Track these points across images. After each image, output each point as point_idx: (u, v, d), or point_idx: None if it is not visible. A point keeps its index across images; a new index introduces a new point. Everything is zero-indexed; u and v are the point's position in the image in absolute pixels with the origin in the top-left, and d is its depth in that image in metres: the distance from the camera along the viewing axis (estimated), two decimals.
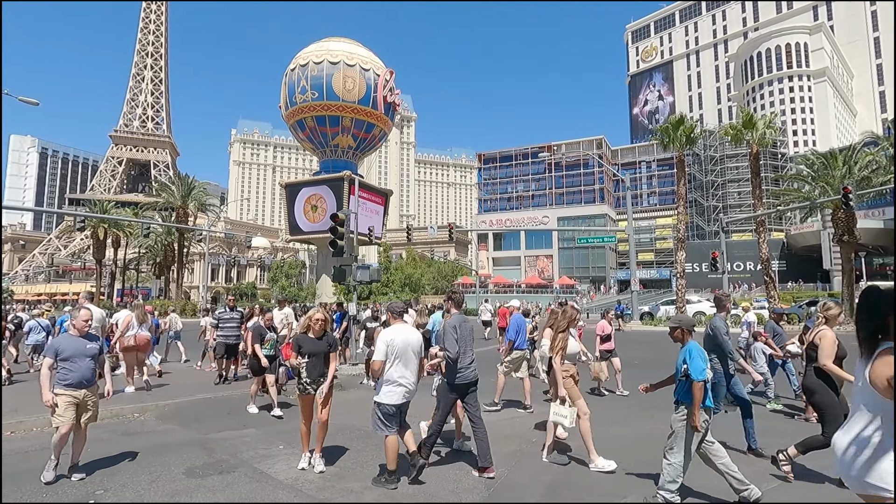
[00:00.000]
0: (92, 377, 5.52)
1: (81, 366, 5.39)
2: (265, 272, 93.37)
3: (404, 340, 5.28)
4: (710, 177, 73.30)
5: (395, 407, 5.15)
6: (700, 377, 4.42)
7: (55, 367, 5.34)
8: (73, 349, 5.42)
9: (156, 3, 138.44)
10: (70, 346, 5.44)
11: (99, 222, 47.34)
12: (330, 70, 58.57)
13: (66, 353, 5.37)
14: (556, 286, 64.65)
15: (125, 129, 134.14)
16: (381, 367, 5.17)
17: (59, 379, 5.32)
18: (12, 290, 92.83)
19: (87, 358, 5.46)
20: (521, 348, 9.10)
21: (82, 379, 5.39)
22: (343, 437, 6.90)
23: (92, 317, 5.76)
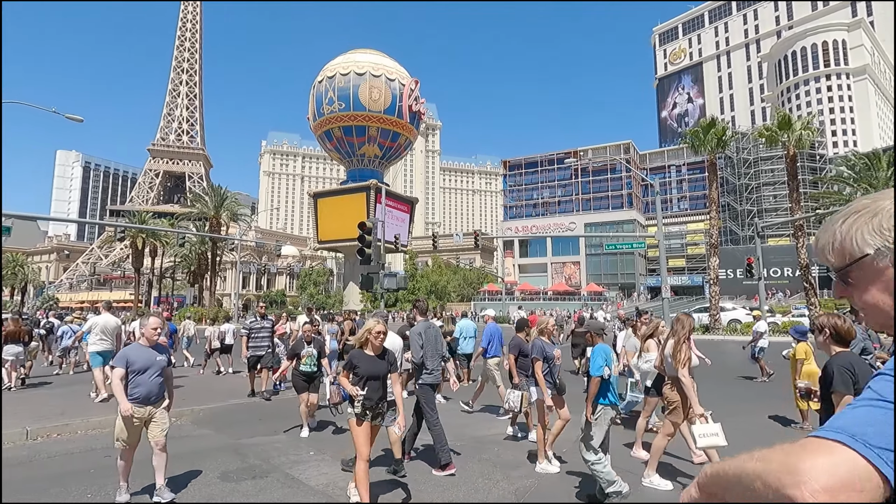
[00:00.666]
0: (160, 392, 5.07)
1: (150, 380, 4.94)
2: (294, 280, 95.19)
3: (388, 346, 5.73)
4: (743, 180, 71.13)
5: None
6: (596, 373, 4.88)
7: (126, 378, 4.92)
8: (144, 360, 4.95)
9: (190, 23, 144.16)
10: (141, 357, 4.96)
11: (137, 232, 49.22)
12: (356, 81, 59.79)
13: (136, 364, 4.90)
14: (584, 293, 63.68)
15: (162, 142, 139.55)
16: None
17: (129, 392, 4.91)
18: (57, 298, 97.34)
19: (156, 371, 5.00)
20: (496, 356, 9.59)
21: (150, 394, 4.93)
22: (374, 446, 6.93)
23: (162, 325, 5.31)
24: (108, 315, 10.61)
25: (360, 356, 4.78)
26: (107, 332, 10.19)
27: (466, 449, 6.66)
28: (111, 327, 10.32)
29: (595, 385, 4.92)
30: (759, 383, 12.39)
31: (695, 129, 30.34)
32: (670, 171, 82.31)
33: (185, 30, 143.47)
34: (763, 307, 27.55)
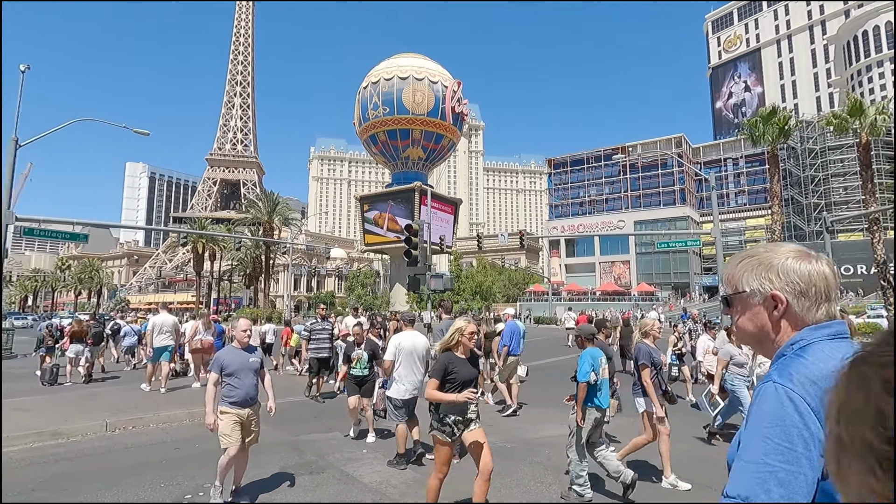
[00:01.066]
0: (256, 394, 5.10)
1: (246, 382, 4.97)
2: (342, 281, 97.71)
3: (411, 345, 6.19)
4: (809, 171, 66.52)
5: (402, 401, 6.08)
6: (583, 378, 5.04)
7: (220, 382, 4.97)
8: (239, 363, 4.98)
9: (243, 38, 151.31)
10: (235, 359, 4.99)
11: (197, 238, 52.14)
12: (400, 85, 60.72)
13: (231, 367, 4.93)
14: (635, 293, 61.62)
15: (218, 152, 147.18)
16: (391, 366, 6.15)
17: (223, 396, 4.94)
18: (128, 300, 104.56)
19: (251, 373, 5.04)
20: (515, 354, 9.55)
21: (247, 396, 4.96)
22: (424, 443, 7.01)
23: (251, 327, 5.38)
24: (165, 314, 11.67)
25: (455, 360, 4.29)
26: (166, 329, 11.18)
27: (517, 451, 6.61)
28: (169, 324, 11.33)
29: (582, 391, 5.07)
30: None
31: (753, 119, 28.70)
32: (726, 164, 78.21)
33: (238, 44, 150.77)
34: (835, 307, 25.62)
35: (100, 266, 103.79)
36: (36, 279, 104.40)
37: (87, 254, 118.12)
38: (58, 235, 22.91)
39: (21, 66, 21.14)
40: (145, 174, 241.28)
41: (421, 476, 5.69)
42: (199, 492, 5.25)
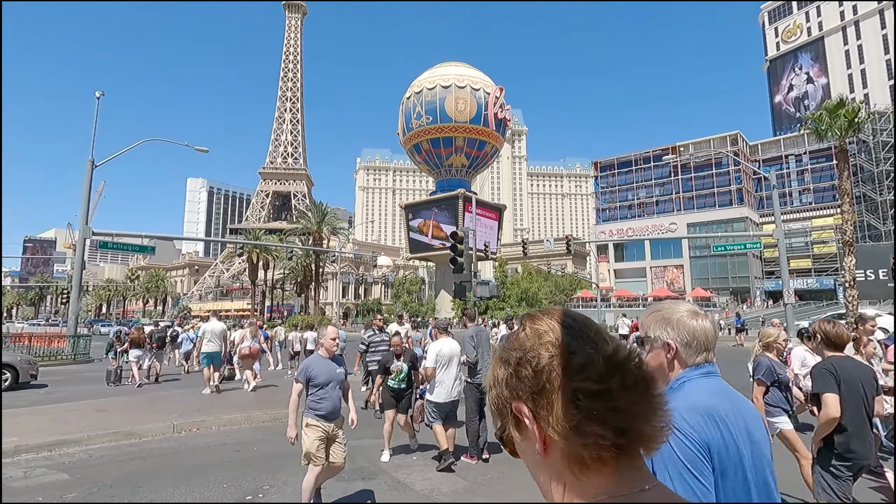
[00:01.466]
0: (340, 406, 4.87)
1: (333, 394, 4.74)
2: (389, 289, 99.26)
3: (450, 351, 6.58)
4: (883, 166, 61.50)
5: (444, 403, 6.43)
6: None
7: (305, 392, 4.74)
8: (326, 374, 4.71)
9: (292, 55, 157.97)
10: (323, 370, 4.72)
11: (252, 248, 54.57)
12: (442, 94, 61.44)
13: (318, 377, 4.66)
14: (689, 299, 58.90)
15: (270, 165, 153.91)
16: (433, 372, 6.45)
17: (309, 408, 4.66)
18: (189, 308, 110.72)
19: (337, 384, 4.81)
20: None
21: (334, 409, 4.72)
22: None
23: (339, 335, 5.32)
24: (214, 321, 12.52)
25: None
26: (215, 336, 11.94)
27: None
28: (218, 331, 12.12)
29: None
30: None
31: (818, 112, 26.91)
32: (788, 161, 73.64)
33: (287, 62, 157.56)
34: None
35: (164, 276, 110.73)
36: (109, 289, 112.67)
37: (154, 265, 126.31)
38: (128, 248, 24.67)
39: (97, 93, 23.03)
40: (204, 189, 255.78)
41: (471, 485, 5.67)
42: (258, 493, 5.47)
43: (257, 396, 11.47)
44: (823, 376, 3.46)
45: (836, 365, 3.48)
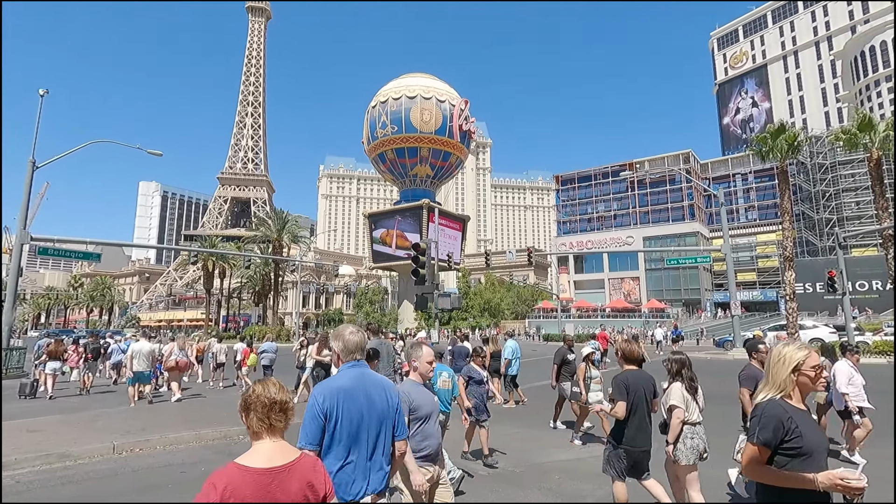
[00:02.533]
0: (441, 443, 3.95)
1: (436, 429, 3.77)
2: (351, 299, 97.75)
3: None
4: (819, 187, 66.03)
5: None
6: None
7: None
8: (429, 405, 3.74)
9: (255, 59, 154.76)
10: (424, 399, 3.72)
11: (208, 256, 52.59)
12: (408, 104, 61.56)
13: (421, 409, 3.64)
14: (645, 310, 60.98)
15: (229, 170, 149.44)
16: None
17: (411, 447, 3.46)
18: (139, 317, 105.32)
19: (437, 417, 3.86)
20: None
21: (438, 447, 3.78)
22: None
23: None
24: (143, 341, 13.09)
25: None
26: (143, 356, 12.54)
27: (526, 476, 6.48)
28: (146, 352, 12.65)
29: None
30: None
31: (762, 135, 28.66)
32: (735, 179, 77.91)
33: (250, 65, 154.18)
34: (849, 324, 25.17)
35: (111, 284, 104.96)
36: (49, 297, 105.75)
37: (100, 271, 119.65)
38: (71, 255, 23.31)
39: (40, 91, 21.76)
40: (158, 193, 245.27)
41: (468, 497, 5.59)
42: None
43: (206, 412, 10.99)
44: (619, 387, 4.64)
45: (628, 377, 4.70)
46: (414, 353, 3.90)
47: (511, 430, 9.20)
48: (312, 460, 2.07)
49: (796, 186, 65.57)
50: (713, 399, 12.71)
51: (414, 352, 3.90)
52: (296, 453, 1.99)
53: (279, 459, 1.91)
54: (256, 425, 1.99)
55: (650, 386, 4.76)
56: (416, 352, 3.91)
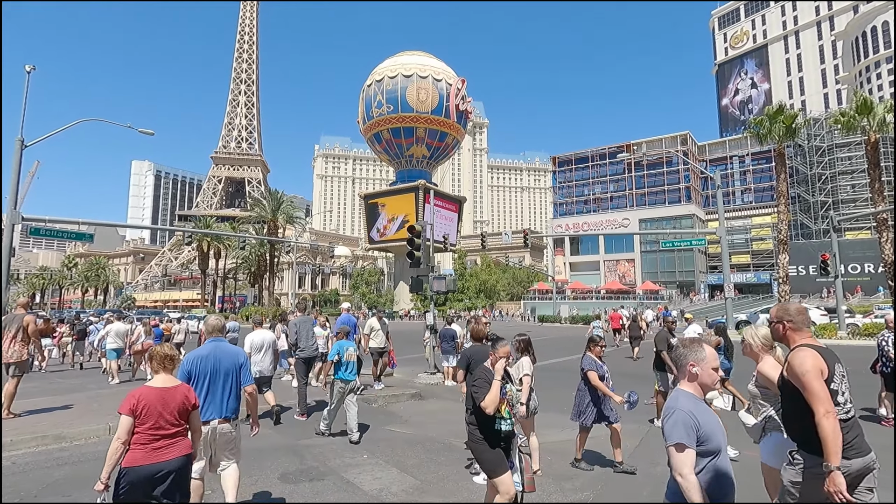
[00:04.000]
0: None
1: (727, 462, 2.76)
2: (347, 280, 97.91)
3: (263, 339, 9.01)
4: (816, 169, 65.97)
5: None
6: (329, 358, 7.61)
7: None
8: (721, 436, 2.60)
9: (248, 36, 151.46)
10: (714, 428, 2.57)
11: (203, 236, 52.31)
12: (404, 83, 60.64)
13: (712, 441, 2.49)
14: (639, 292, 61.39)
15: (223, 150, 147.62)
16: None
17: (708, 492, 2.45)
18: (134, 297, 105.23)
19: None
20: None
21: None
22: (424, 449, 6.99)
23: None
24: (119, 323, 14.84)
25: None
26: (118, 336, 14.16)
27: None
28: (122, 332, 14.40)
29: (329, 366, 7.58)
30: None
31: (760, 117, 28.48)
32: (732, 162, 77.67)
33: (242, 42, 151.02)
34: (840, 306, 25.46)
35: (106, 264, 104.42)
36: (43, 277, 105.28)
37: (94, 251, 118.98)
38: (63, 235, 23.10)
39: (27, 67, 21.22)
40: (151, 172, 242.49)
41: (422, 483, 5.68)
42: None
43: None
44: (463, 357, 5.67)
45: (471, 350, 5.64)
46: (692, 354, 2.68)
47: None
48: (188, 387, 3.77)
49: (793, 169, 65.51)
50: None
51: (692, 353, 2.68)
52: (178, 382, 3.71)
53: (169, 384, 3.61)
54: (156, 367, 3.68)
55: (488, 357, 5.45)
56: (696, 353, 2.67)
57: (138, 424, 3.36)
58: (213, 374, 4.39)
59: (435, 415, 9.40)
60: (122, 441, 3.33)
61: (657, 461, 6.13)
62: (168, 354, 3.68)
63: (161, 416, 3.41)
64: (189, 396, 3.63)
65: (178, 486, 3.43)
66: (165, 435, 3.41)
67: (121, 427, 3.36)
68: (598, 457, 6.55)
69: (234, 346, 4.82)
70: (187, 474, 3.57)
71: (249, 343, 8.91)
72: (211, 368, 4.40)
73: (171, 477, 3.37)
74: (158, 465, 3.34)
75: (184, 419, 3.55)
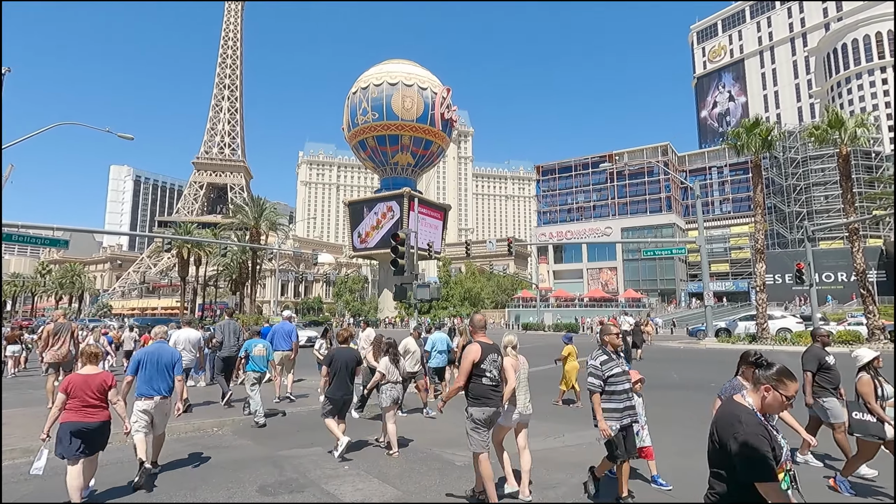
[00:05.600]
0: None
1: None
2: (331, 287, 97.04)
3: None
4: (791, 181, 67.85)
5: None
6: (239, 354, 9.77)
7: None
8: None
9: (231, 41, 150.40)
10: None
11: (183, 243, 51.36)
12: (389, 91, 60.75)
13: None
14: (622, 300, 62.10)
15: (205, 155, 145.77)
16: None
17: None
18: (110, 305, 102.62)
19: None
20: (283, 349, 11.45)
21: None
22: (405, 459, 6.92)
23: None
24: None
25: None
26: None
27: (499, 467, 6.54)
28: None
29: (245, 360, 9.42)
30: None
31: (737, 129, 29.19)
32: (711, 172, 79.47)
33: (226, 46, 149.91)
34: (815, 314, 26.09)
35: (82, 271, 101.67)
36: (15, 284, 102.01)
37: (69, 258, 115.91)
38: (38, 241, 22.48)
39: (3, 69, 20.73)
40: (130, 177, 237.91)
41: (404, 494, 5.61)
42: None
43: None
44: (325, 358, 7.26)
45: (335, 352, 7.21)
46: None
47: None
48: (108, 374, 5.32)
49: (769, 180, 67.28)
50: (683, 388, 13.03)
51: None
52: (100, 371, 5.33)
53: (91, 372, 5.24)
54: (84, 361, 5.32)
55: (352, 358, 7.25)
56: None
57: (70, 399, 5.06)
58: (156, 364, 6.29)
59: (416, 424, 9.33)
60: (58, 408, 5.09)
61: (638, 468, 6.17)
62: (93, 353, 5.38)
63: (84, 393, 5.10)
64: (106, 380, 5.27)
65: (98, 438, 5.23)
66: (89, 405, 5.10)
67: (58, 399, 5.13)
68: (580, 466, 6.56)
69: (172, 347, 7.01)
70: (105, 432, 5.30)
71: (174, 339, 10.48)
72: (155, 360, 6.32)
73: (93, 433, 5.11)
74: (84, 423, 5.05)
75: (103, 395, 5.20)
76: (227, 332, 11.21)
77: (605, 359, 5.04)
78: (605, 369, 4.98)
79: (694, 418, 9.66)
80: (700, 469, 6.24)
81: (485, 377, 4.94)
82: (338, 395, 7.01)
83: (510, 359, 5.45)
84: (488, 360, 4.98)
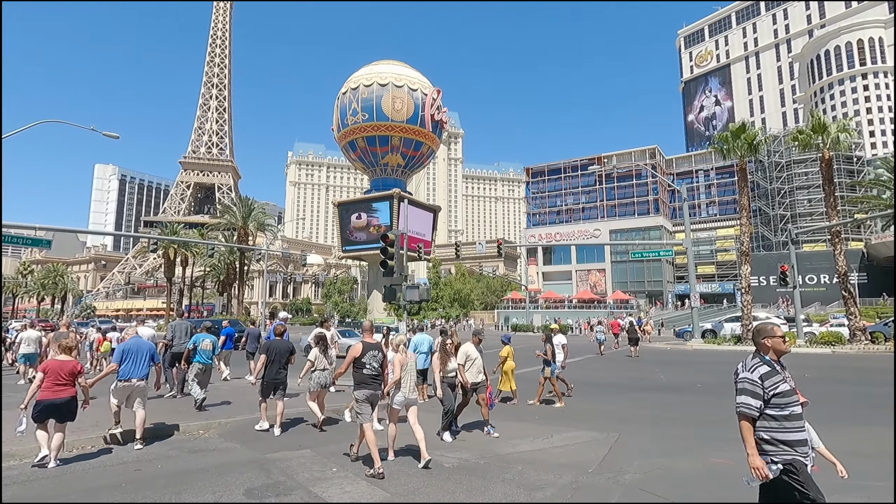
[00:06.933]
0: None
1: None
2: (319, 288, 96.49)
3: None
4: (775, 184, 68.97)
5: None
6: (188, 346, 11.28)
7: None
8: None
9: (220, 39, 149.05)
10: None
11: (169, 243, 50.75)
12: (379, 92, 60.57)
13: None
14: (610, 301, 62.58)
15: (193, 155, 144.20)
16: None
17: None
18: (94, 306, 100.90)
19: None
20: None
21: None
22: (394, 461, 6.90)
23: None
24: (31, 331, 16.10)
25: None
26: (31, 341, 15.48)
27: (490, 468, 6.55)
28: (34, 338, 15.63)
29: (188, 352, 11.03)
30: None
31: (723, 133, 29.63)
32: (698, 175, 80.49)
33: (214, 45, 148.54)
34: (799, 316, 26.54)
35: (65, 271, 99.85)
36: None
37: (52, 258, 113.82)
38: (19, 241, 22.05)
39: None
40: (115, 177, 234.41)
41: (392, 496, 5.60)
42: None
43: (162, 405, 10.64)
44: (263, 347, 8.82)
45: (271, 343, 8.66)
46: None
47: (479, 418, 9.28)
48: (76, 361, 6.84)
49: (754, 183, 68.30)
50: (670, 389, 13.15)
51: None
52: (71, 359, 6.78)
53: (65, 359, 6.72)
54: (60, 350, 6.84)
55: (285, 348, 8.65)
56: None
57: (46, 379, 6.44)
58: (136, 353, 7.88)
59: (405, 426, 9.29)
60: (37, 386, 6.44)
61: (625, 469, 6.22)
62: (68, 346, 6.87)
63: (58, 375, 6.49)
64: (76, 367, 6.71)
65: (68, 411, 6.62)
66: (60, 384, 6.49)
67: (37, 378, 6.53)
68: (568, 467, 6.59)
69: (148, 341, 8.54)
70: (73, 405, 6.66)
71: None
72: (135, 350, 7.91)
73: (63, 406, 6.54)
74: (56, 399, 6.46)
75: (72, 378, 6.63)
76: (179, 331, 12.50)
77: (766, 370, 3.55)
78: (767, 385, 3.50)
79: (687, 420, 9.76)
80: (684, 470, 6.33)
81: (365, 368, 6.51)
82: (269, 377, 8.54)
83: (399, 355, 6.82)
84: (368, 355, 6.53)
